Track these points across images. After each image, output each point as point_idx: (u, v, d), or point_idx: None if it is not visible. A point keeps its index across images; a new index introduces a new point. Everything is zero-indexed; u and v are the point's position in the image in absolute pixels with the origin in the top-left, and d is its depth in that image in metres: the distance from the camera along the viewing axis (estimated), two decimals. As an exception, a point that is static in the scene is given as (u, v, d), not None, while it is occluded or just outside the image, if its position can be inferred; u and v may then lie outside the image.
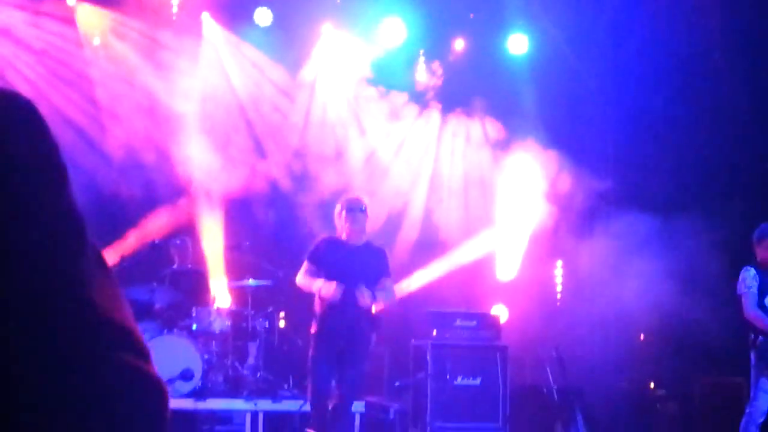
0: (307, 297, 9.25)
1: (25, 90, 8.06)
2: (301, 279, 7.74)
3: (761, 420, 8.18)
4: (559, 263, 11.15)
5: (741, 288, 8.18)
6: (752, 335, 8.11)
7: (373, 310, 7.72)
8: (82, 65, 10.22)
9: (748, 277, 8.19)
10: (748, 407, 8.18)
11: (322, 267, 7.61)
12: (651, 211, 10.29)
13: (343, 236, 7.69)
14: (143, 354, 1.00)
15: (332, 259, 7.65)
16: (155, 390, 1.00)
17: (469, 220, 10.81)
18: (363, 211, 7.66)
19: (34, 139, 0.96)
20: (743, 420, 8.16)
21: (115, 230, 9.84)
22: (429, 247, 10.83)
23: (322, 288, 7.50)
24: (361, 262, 7.67)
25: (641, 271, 9.87)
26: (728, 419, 9.08)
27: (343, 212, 7.62)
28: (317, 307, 7.69)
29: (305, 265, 7.72)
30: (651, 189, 10.70)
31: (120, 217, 9.99)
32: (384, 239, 9.31)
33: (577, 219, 10.68)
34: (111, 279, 1.01)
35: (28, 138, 0.95)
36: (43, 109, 1.04)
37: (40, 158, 0.95)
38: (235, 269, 10.25)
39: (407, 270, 9.99)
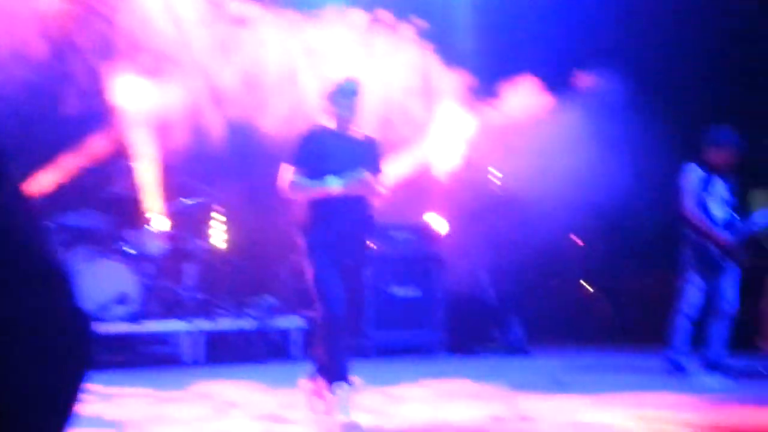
0: (248, 217, 9.58)
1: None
2: (291, 186, 6.71)
3: (692, 313, 8.76)
4: (492, 169, 11.57)
5: (684, 184, 8.62)
6: (687, 231, 8.66)
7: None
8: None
9: (693, 175, 8.63)
10: (679, 301, 8.75)
11: (314, 166, 6.59)
12: (585, 111, 10.69)
13: (333, 125, 6.87)
14: (62, 283, 1.02)
15: (325, 153, 6.69)
16: (84, 321, 1.04)
17: (407, 131, 11.14)
18: (357, 93, 6.88)
19: None
20: (674, 313, 8.75)
21: (49, 154, 9.90)
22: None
23: (330, 189, 6.46)
24: (358, 155, 6.78)
25: (571, 173, 10.33)
26: (659, 313, 9.59)
27: (337, 95, 6.82)
28: (310, 216, 6.72)
29: (292, 169, 6.68)
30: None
31: (54, 141, 10.01)
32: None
33: (511, 126, 11.08)
34: (30, 209, 1.04)
35: None
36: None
37: None
38: (169, 192, 10.36)
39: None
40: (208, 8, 11.04)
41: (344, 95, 6.74)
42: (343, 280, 6.57)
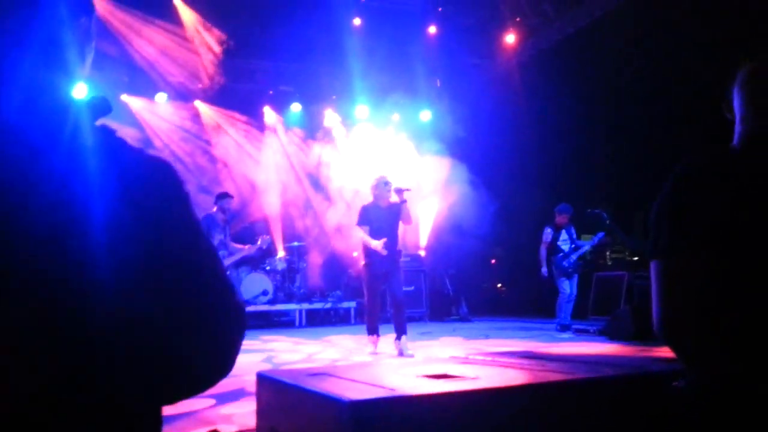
0: (325, 249, 15.07)
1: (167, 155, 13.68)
2: (361, 236, 9.09)
3: (567, 300, 12.01)
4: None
5: (544, 237, 12.25)
6: (551, 257, 12.15)
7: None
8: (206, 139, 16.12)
9: (546, 232, 12.25)
10: (559, 297, 12.14)
11: (370, 224, 9.04)
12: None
13: (379, 202, 9.15)
14: (235, 291, 1.50)
15: (373, 218, 9.07)
16: (242, 308, 1.52)
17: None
18: (389, 184, 9.16)
19: (178, 188, 1.43)
20: (557, 301, 12.13)
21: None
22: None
23: (377, 246, 8.82)
24: (390, 216, 9.05)
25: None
26: (540, 299, 14.23)
27: (382, 185, 9.13)
28: (366, 249, 9.05)
29: (358, 228, 9.17)
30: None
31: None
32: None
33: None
34: (219, 258, 1.49)
35: (175, 188, 1.42)
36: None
37: (183, 199, 1.43)
38: (286, 238, 15.92)
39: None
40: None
41: (383, 186, 9.13)
42: (384, 281, 8.99)
